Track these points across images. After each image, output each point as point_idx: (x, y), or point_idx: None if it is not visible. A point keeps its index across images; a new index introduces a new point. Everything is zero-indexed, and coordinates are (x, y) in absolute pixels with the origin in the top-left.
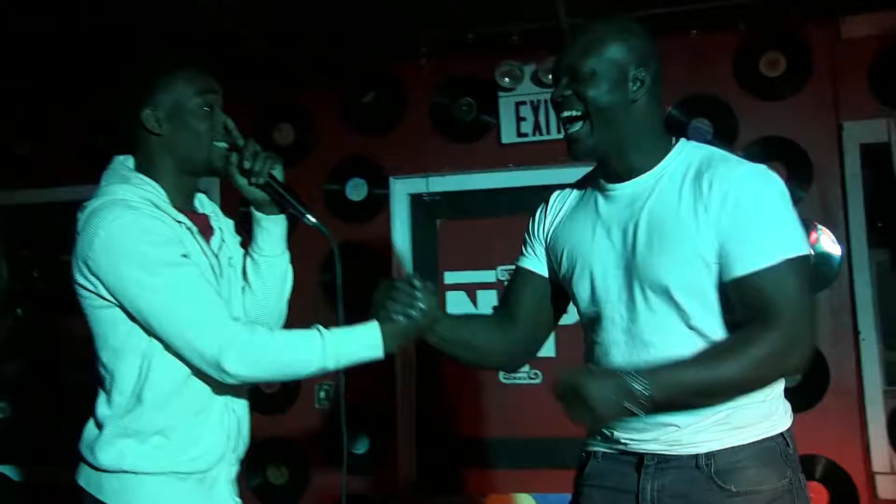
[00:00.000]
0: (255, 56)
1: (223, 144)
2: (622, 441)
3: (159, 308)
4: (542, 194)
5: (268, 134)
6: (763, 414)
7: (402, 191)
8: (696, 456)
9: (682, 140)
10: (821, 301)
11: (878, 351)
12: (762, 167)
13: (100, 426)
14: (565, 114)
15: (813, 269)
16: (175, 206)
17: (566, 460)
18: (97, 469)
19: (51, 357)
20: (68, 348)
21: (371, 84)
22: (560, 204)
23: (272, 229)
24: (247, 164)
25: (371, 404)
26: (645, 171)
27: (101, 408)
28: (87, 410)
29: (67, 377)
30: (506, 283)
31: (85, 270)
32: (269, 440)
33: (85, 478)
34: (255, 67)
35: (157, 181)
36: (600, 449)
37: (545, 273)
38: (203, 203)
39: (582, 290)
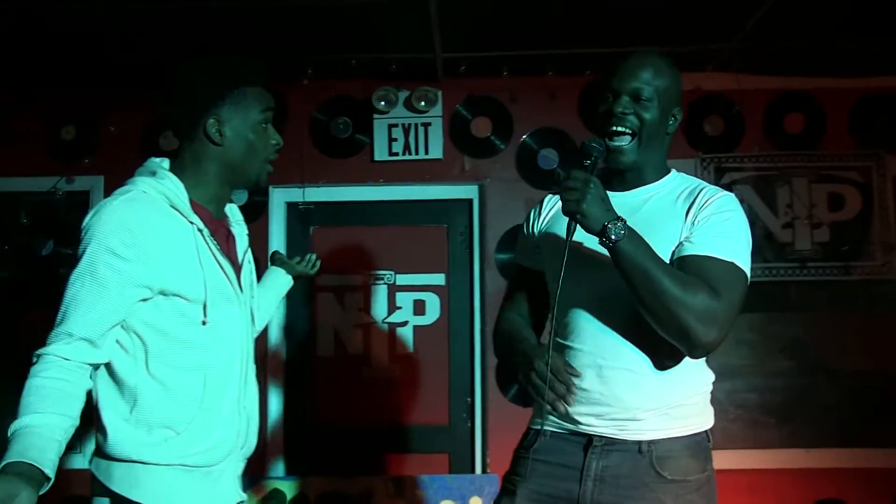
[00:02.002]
0: (144, 67)
1: (270, 167)
2: (578, 421)
3: (69, 289)
4: (408, 208)
5: (155, 142)
6: (698, 411)
7: (280, 199)
8: (640, 442)
9: (674, 171)
10: None
11: None
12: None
13: (108, 415)
14: (619, 128)
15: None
16: (203, 208)
17: (419, 446)
18: (107, 457)
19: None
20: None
21: None
22: (551, 205)
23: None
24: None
25: None
26: (647, 184)
27: (105, 397)
28: None
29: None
30: (381, 285)
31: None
32: None
33: (96, 464)
34: (145, 78)
35: (195, 186)
36: (550, 428)
37: (538, 267)
38: (233, 213)
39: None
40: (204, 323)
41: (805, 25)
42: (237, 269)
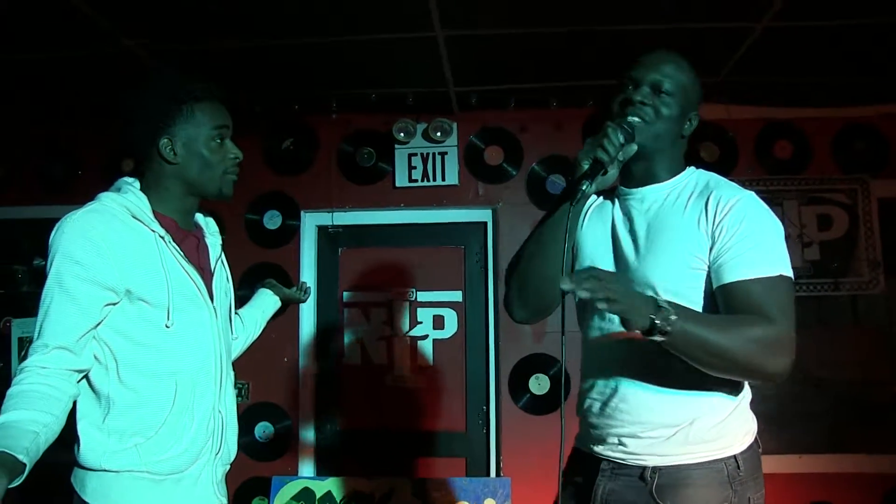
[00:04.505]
0: None
1: (233, 176)
2: (590, 446)
3: (42, 304)
4: (428, 230)
5: None
6: (717, 434)
7: (311, 222)
8: (644, 468)
9: (692, 167)
10: None
11: None
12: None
13: (83, 425)
14: (634, 116)
15: None
16: (168, 218)
17: (437, 450)
18: (82, 468)
19: (3, 351)
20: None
21: (289, 132)
22: (589, 209)
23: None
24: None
25: (276, 402)
26: (659, 182)
27: (82, 407)
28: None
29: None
30: (403, 301)
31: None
32: None
33: (73, 476)
34: None
35: (159, 200)
36: (579, 447)
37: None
38: (208, 224)
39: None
40: (167, 326)
41: (784, 60)
42: (208, 276)
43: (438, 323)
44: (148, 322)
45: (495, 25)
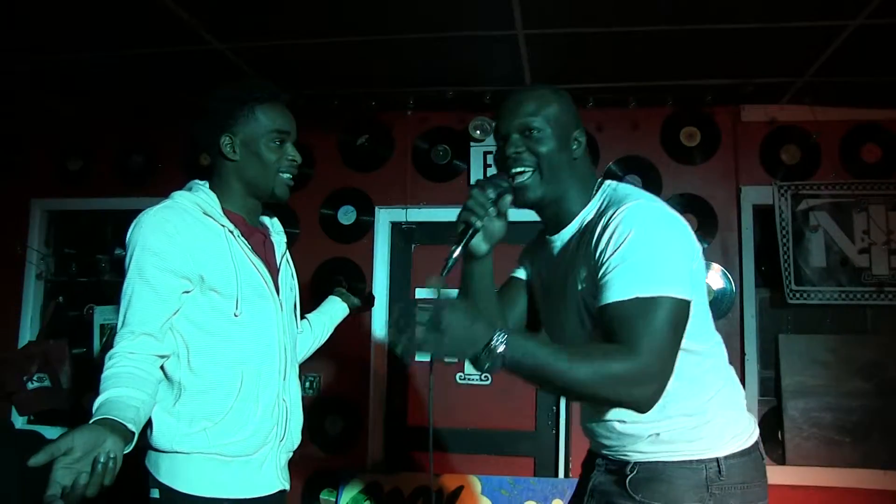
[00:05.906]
0: None
1: (287, 175)
2: (592, 444)
3: (125, 294)
4: None
5: None
6: (696, 436)
7: (385, 218)
8: (627, 464)
9: (604, 183)
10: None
11: (756, 369)
12: (654, 206)
13: (156, 409)
14: (518, 169)
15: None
16: (236, 214)
17: (506, 449)
18: (155, 450)
19: (86, 337)
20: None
21: (365, 128)
22: (533, 249)
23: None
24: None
25: (346, 396)
26: (573, 219)
27: (159, 393)
28: None
29: (100, 356)
30: None
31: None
32: None
33: (147, 456)
34: None
35: (226, 198)
36: (590, 449)
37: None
38: (273, 224)
39: (543, 321)
40: (236, 315)
41: (876, 59)
42: (274, 271)
43: None
44: (218, 312)
45: (576, 24)
